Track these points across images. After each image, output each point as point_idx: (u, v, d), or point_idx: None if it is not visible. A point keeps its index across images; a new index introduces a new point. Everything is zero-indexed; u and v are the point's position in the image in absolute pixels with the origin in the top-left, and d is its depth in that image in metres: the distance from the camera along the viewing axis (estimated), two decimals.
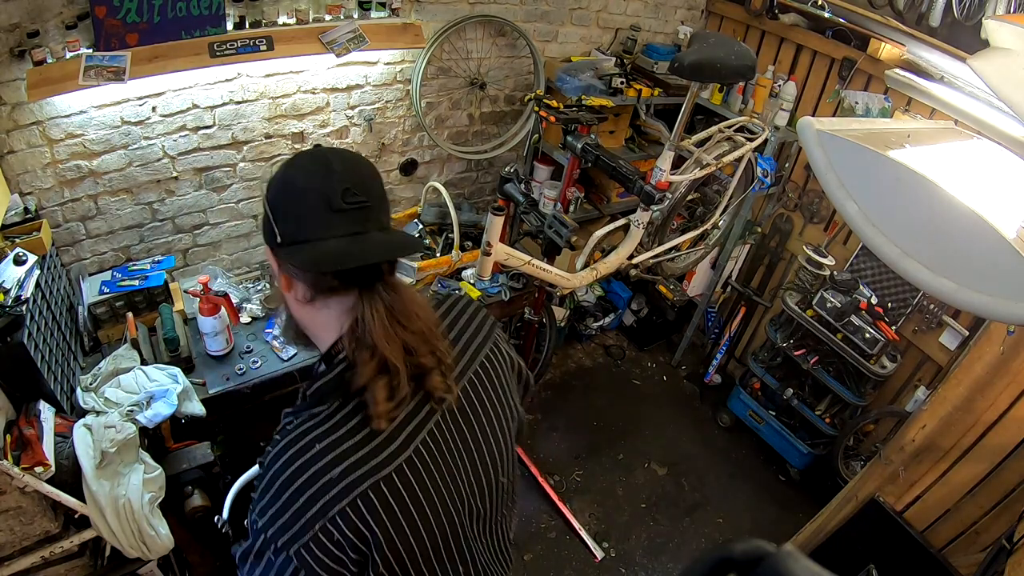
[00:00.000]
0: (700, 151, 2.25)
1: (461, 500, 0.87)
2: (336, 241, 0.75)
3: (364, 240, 0.76)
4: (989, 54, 1.67)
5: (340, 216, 0.75)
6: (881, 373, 2.76)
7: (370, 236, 0.77)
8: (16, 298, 1.60)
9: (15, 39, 1.71)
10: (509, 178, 2.07)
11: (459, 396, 0.88)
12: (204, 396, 1.98)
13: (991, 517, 2.00)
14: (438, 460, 0.83)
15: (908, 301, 2.79)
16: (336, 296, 0.80)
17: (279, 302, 1.03)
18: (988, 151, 2.05)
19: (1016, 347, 1.86)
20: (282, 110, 2.33)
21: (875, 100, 2.72)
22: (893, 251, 1.37)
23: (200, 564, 2.24)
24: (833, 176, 1.46)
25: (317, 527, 0.73)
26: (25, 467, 1.40)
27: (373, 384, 0.76)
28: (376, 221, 0.78)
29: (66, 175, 2.00)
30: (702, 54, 1.91)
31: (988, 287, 1.22)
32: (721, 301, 3.75)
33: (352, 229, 0.76)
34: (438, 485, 0.83)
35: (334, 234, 0.75)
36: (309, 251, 0.75)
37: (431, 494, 0.82)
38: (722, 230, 2.96)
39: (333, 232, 0.75)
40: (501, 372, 0.97)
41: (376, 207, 0.78)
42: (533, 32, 2.79)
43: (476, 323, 0.98)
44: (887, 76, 2.62)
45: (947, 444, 2.07)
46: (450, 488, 0.85)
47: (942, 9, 2.61)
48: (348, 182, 0.76)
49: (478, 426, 0.90)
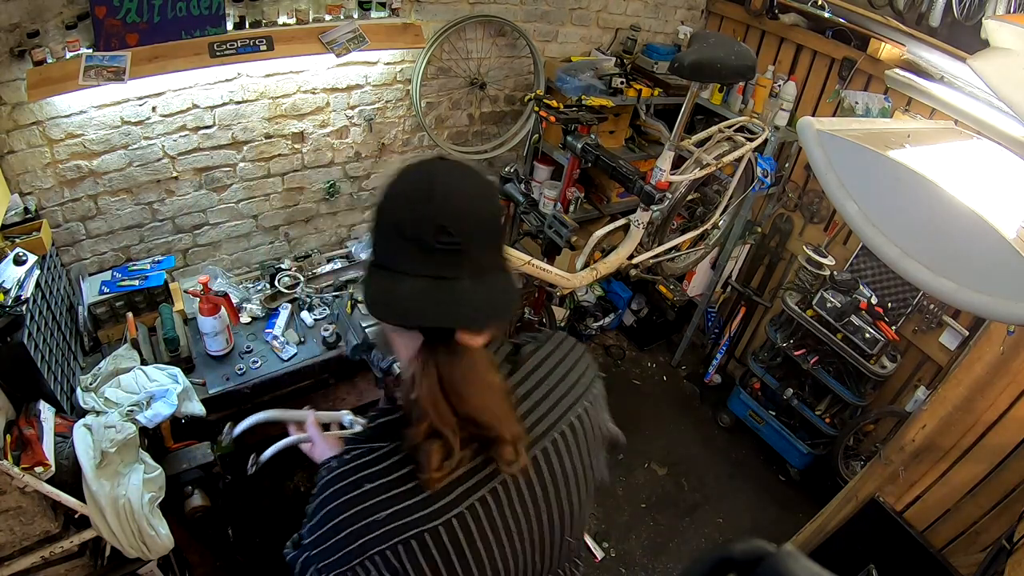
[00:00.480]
0: (700, 151, 2.25)
1: (515, 560, 0.82)
2: (413, 282, 0.69)
3: (445, 289, 0.69)
4: (989, 54, 1.67)
5: (427, 255, 0.68)
6: (881, 373, 2.76)
7: (456, 284, 0.69)
8: (16, 298, 1.60)
9: (15, 39, 1.71)
10: (509, 178, 2.07)
11: (531, 461, 0.80)
12: (204, 396, 1.98)
13: (991, 517, 2.00)
14: (495, 520, 0.78)
15: (908, 301, 2.78)
16: (405, 330, 0.75)
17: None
18: (988, 151, 2.05)
19: (1016, 347, 1.86)
20: (282, 110, 2.33)
21: (875, 100, 2.72)
22: (893, 251, 1.37)
23: (200, 564, 2.24)
24: (833, 176, 1.46)
25: (355, 562, 0.73)
26: (25, 467, 1.40)
27: (424, 446, 0.72)
28: (472, 265, 0.70)
29: (66, 175, 2.00)
30: (702, 54, 1.91)
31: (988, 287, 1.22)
32: (721, 301, 3.75)
33: (438, 272, 0.69)
34: (490, 545, 0.78)
35: (417, 271, 0.69)
36: (380, 285, 0.71)
37: (480, 552, 0.77)
38: (722, 230, 2.96)
39: (416, 269, 0.69)
40: (586, 438, 0.87)
41: (474, 250, 0.70)
42: (533, 32, 2.79)
43: (570, 381, 0.87)
44: (887, 76, 2.62)
45: (947, 444, 2.07)
46: (504, 548, 0.79)
47: (942, 9, 2.61)
48: (446, 218, 0.67)
49: (551, 488, 0.83)
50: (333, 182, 2.65)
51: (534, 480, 0.80)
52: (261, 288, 2.47)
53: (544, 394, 0.84)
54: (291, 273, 2.51)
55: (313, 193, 2.64)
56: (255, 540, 2.40)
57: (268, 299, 2.41)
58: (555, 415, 0.83)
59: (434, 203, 0.68)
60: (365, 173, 2.75)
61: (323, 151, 2.55)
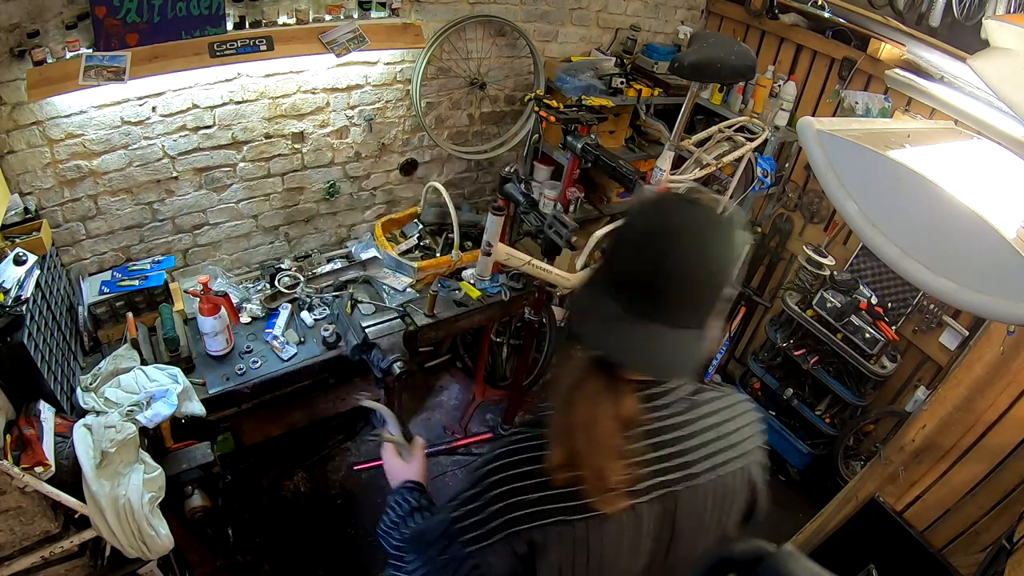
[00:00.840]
0: (700, 151, 2.25)
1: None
2: (610, 306, 0.72)
3: (631, 323, 0.71)
4: (989, 54, 1.67)
5: (635, 289, 0.71)
6: (881, 373, 2.76)
7: (646, 325, 0.70)
8: (16, 298, 1.60)
9: (15, 39, 1.71)
10: (509, 178, 2.07)
11: (660, 498, 0.80)
12: (204, 396, 1.98)
13: (991, 517, 2.00)
14: (623, 540, 0.79)
15: (908, 301, 2.78)
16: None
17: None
18: (988, 151, 2.05)
19: (1016, 347, 1.86)
20: (282, 110, 2.33)
21: (875, 100, 2.72)
22: (893, 251, 1.37)
23: (200, 564, 2.24)
24: (833, 176, 1.46)
25: (496, 539, 0.76)
26: (25, 467, 1.40)
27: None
28: (667, 315, 0.71)
29: (66, 175, 2.00)
30: (702, 54, 1.91)
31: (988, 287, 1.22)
32: None
33: (631, 305, 0.71)
34: (612, 560, 0.79)
35: (616, 298, 0.72)
36: (584, 295, 0.76)
37: (600, 563, 0.79)
38: None
39: (617, 297, 0.72)
40: (732, 497, 0.86)
41: (679, 303, 0.71)
42: (533, 32, 2.79)
43: (732, 439, 0.85)
44: (887, 76, 2.62)
45: (947, 444, 2.07)
46: (619, 570, 0.82)
47: (942, 9, 2.61)
48: (673, 278, 0.69)
49: (678, 530, 0.83)
50: (333, 182, 2.65)
51: (655, 517, 0.81)
52: (261, 288, 2.47)
53: (700, 443, 0.83)
54: (291, 273, 2.51)
55: (313, 193, 2.64)
56: (255, 540, 2.41)
57: (268, 299, 2.41)
58: (700, 465, 0.82)
59: (663, 244, 0.69)
60: (365, 173, 2.75)
61: (323, 151, 2.55)
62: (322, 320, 2.37)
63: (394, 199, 2.94)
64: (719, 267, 0.72)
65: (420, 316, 2.35)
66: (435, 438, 2.98)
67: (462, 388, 3.28)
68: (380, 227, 2.65)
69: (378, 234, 2.61)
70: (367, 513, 2.61)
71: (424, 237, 2.75)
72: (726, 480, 0.84)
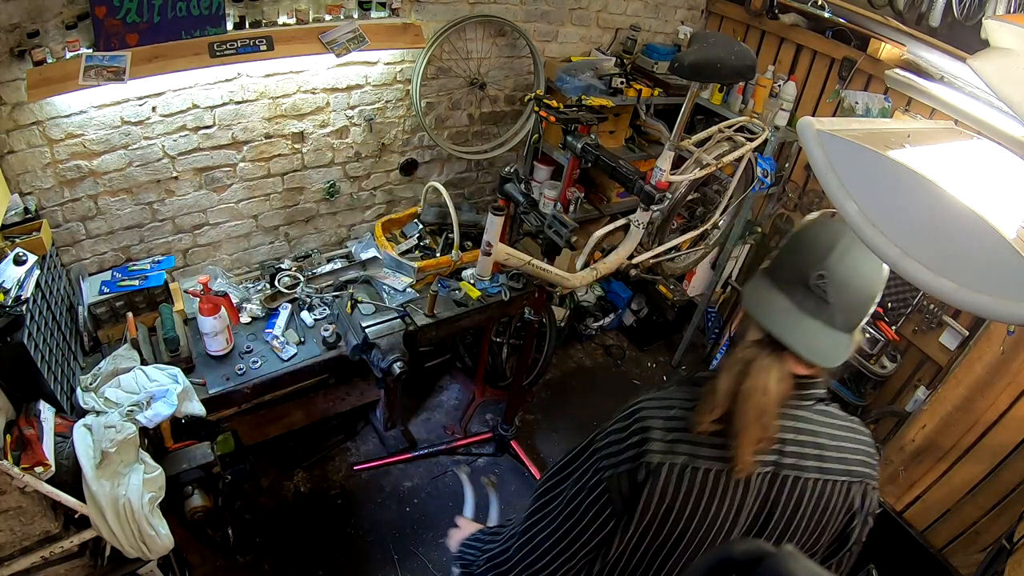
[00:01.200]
0: (700, 151, 2.25)
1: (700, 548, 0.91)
2: (783, 299, 0.88)
3: (798, 316, 0.86)
4: (989, 54, 1.67)
5: (803, 288, 0.87)
6: (881, 373, 2.76)
7: (807, 319, 0.86)
8: (16, 298, 1.60)
9: (15, 39, 1.71)
10: (509, 178, 2.07)
11: (768, 476, 0.89)
12: (204, 396, 1.98)
13: (991, 517, 2.00)
14: (730, 501, 0.88)
15: (908, 301, 2.78)
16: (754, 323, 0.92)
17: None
18: (988, 151, 2.05)
19: (1016, 347, 1.86)
20: (282, 110, 2.33)
21: (875, 100, 2.72)
22: (893, 251, 1.37)
23: (200, 564, 2.24)
24: (833, 176, 1.46)
25: (624, 467, 0.87)
26: (25, 467, 1.40)
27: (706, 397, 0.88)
28: (827, 314, 0.86)
29: (66, 175, 2.00)
30: (702, 54, 1.91)
31: (988, 287, 1.22)
32: (721, 301, 3.75)
33: (801, 303, 0.87)
34: (712, 517, 0.88)
35: (788, 293, 0.88)
36: (758, 284, 0.92)
37: (705, 513, 0.88)
38: (722, 230, 2.96)
39: (789, 292, 0.88)
40: (830, 506, 0.92)
41: (836, 304, 0.86)
42: (533, 32, 2.79)
43: (843, 452, 0.94)
44: (887, 76, 2.62)
45: (947, 444, 2.07)
46: (709, 530, 0.90)
47: (942, 9, 2.61)
48: (830, 272, 0.86)
49: (776, 510, 0.91)
50: (333, 182, 2.65)
51: (760, 492, 0.90)
52: (261, 288, 2.47)
53: (816, 442, 0.92)
54: (291, 273, 2.51)
55: (313, 193, 2.64)
56: (255, 540, 2.40)
57: (268, 299, 2.41)
58: (811, 462, 0.91)
59: (830, 258, 0.87)
60: (365, 173, 2.75)
61: (323, 151, 2.55)
62: (322, 320, 2.37)
63: (394, 199, 2.94)
64: (872, 287, 0.91)
65: (420, 316, 2.35)
66: (435, 438, 2.98)
67: (462, 388, 3.28)
68: (380, 227, 2.65)
69: (378, 234, 2.61)
70: (367, 513, 2.61)
71: (424, 237, 2.74)
72: (828, 487, 0.92)
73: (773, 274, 0.93)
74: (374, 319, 2.27)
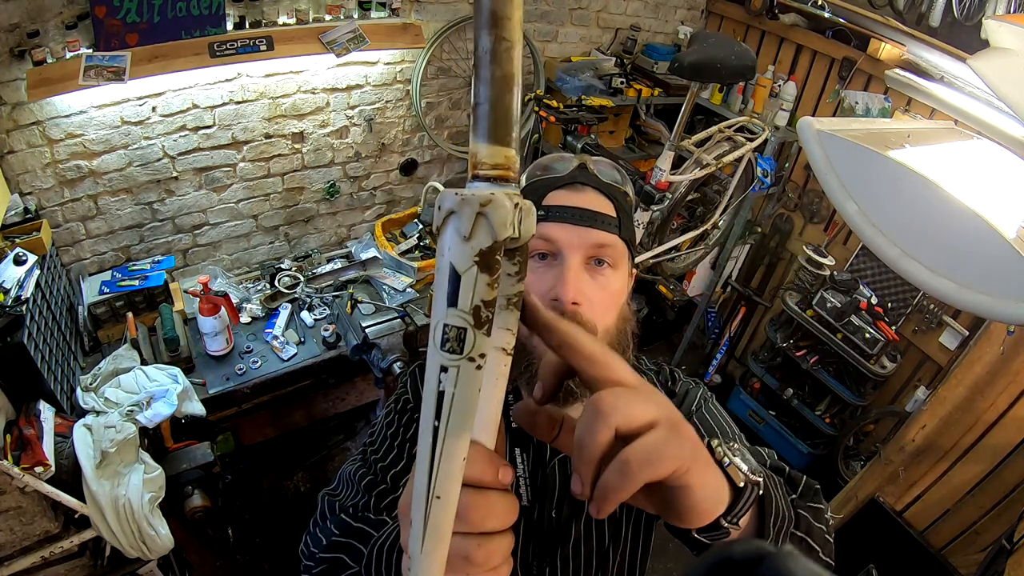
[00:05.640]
0: (700, 151, 2.25)
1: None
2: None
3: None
4: (989, 54, 1.67)
5: None
6: (881, 373, 2.76)
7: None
8: (16, 298, 1.60)
9: (15, 39, 1.71)
10: None
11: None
12: (204, 396, 1.98)
13: (991, 517, 2.00)
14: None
15: (908, 301, 2.78)
16: None
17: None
18: (988, 151, 2.05)
19: (1016, 347, 1.86)
20: (282, 110, 2.33)
21: (875, 100, 2.72)
22: (893, 251, 1.37)
23: (200, 564, 2.24)
24: (833, 176, 1.46)
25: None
26: (25, 467, 1.40)
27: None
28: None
29: (66, 175, 2.00)
30: (702, 54, 1.91)
31: (988, 287, 1.22)
32: (721, 301, 3.75)
33: None
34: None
35: None
36: None
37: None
38: (722, 230, 2.96)
39: None
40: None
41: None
42: (533, 32, 2.79)
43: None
44: (887, 76, 2.62)
45: (947, 444, 2.07)
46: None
47: (942, 9, 2.61)
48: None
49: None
50: (333, 182, 2.65)
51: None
52: (261, 288, 2.47)
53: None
54: (291, 273, 2.51)
55: (313, 193, 2.64)
56: (255, 540, 2.40)
57: (268, 299, 2.40)
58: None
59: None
60: (365, 173, 2.75)
61: (323, 151, 2.55)
62: (322, 320, 2.37)
63: (394, 199, 2.94)
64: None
65: (420, 316, 2.35)
66: None
67: None
68: (380, 227, 2.65)
69: (378, 234, 2.61)
70: None
71: (424, 237, 2.74)
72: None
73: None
74: (374, 319, 2.27)
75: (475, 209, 0.29)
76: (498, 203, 0.29)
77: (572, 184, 0.76)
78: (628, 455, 0.35)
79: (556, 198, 0.75)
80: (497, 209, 0.29)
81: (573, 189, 0.76)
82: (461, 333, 0.30)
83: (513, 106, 0.31)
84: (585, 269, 0.73)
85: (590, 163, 0.79)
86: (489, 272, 0.30)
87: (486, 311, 0.30)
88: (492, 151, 0.31)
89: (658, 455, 0.36)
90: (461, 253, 0.30)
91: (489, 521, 0.36)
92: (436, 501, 0.33)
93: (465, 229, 0.30)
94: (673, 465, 0.37)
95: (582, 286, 0.71)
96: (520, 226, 0.31)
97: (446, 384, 0.31)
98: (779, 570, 0.37)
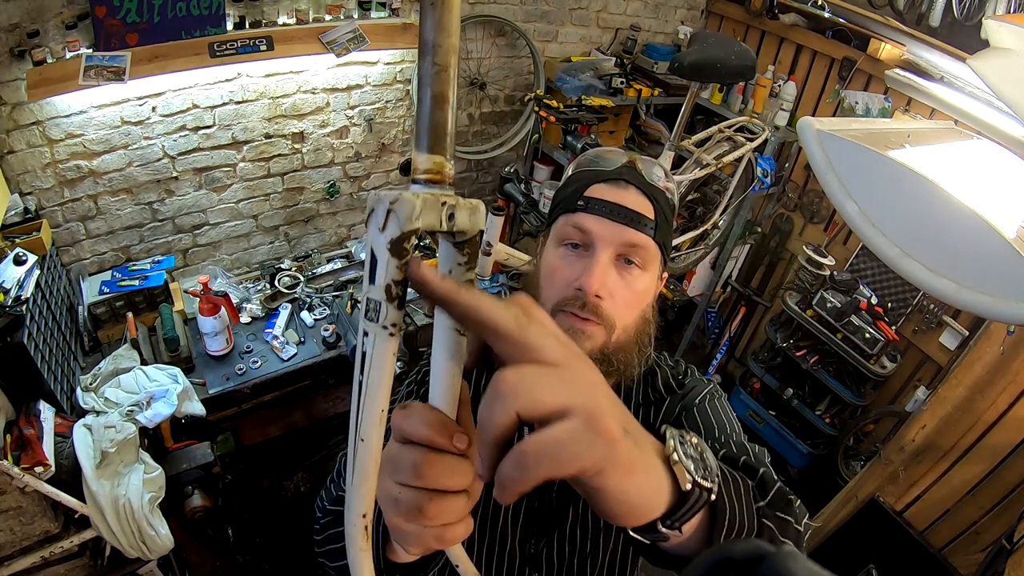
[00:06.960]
0: (700, 151, 2.25)
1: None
2: None
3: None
4: (989, 54, 1.67)
5: None
6: (881, 373, 2.76)
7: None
8: (16, 298, 1.60)
9: (15, 39, 1.71)
10: (509, 178, 2.07)
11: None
12: (204, 396, 1.98)
13: (991, 517, 2.00)
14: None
15: (908, 301, 2.78)
16: None
17: None
18: (988, 151, 2.05)
19: (1016, 347, 1.86)
20: (282, 110, 2.33)
21: (875, 100, 2.72)
22: (893, 251, 1.37)
23: (200, 564, 2.24)
24: (833, 176, 1.46)
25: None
26: (25, 467, 1.40)
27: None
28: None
29: (66, 175, 2.00)
30: (702, 54, 1.91)
31: (988, 287, 1.22)
32: (721, 301, 3.75)
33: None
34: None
35: None
36: None
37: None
38: (722, 230, 2.96)
39: None
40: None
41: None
42: (533, 32, 2.79)
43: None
44: (887, 76, 2.62)
45: (947, 444, 2.07)
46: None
47: (942, 9, 2.61)
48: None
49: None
50: (333, 182, 2.65)
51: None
52: (261, 288, 2.47)
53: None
54: (291, 273, 2.51)
55: (313, 193, 2.64)
56: (255, 540, 2.40)
57: (268, 299, 2.40)
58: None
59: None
60: (365, 173, 2.75)
61: (323, 151, 2.55)
62: (322, 320, 2.37)
63: None
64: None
65: (420, 316, 2.35)
66: None
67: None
68: None
69: None
70: None
71: (424, 237, 2.74)
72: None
73: None
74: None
75: (386, 206, 0.35)
76: (404, 201, 0.35)
77: (617, 180, 0.77)
78: (525, 448, 0.32)
79: (598, 191, 0.76)
80: (403, 206, 0.35)
81: (617, 185, 0.77)
82: (377, 305, 0.36)
83: (446, 121, 0.39)
84: (614, 265, 0.75)
85: (639, 162, 0.80)
86: (399, 257, 0.35)
87: (396, 288, 0.36)
88: (426, 159, 0.39)
89: (559, 453, 0.32)
90: (377, 241, 0.36)
91: (443, 479, 0.37)
92: (361, 443, 0.38)
93: (379, 222, 0.35)
94: (577, 465, 0.33)
95: (607, 280, 0.73)
96: (449, 221, 0.37)
97: (367, 346, 0.36)
98: (779, 570, 0.37)
